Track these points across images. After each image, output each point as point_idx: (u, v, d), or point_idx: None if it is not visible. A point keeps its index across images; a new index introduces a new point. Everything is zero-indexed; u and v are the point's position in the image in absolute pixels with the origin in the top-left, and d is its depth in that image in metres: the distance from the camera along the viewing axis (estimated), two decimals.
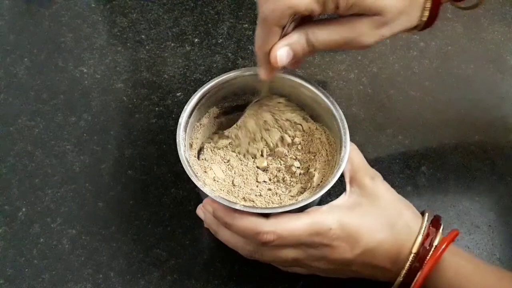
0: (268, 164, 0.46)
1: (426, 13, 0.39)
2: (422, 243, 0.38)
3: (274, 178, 0.45)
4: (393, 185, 0.49)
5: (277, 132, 0.46)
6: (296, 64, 0.42)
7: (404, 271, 0.38)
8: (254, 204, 0.42)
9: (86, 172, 0.50)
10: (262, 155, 0.46)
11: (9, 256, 0.45)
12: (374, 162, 0.51)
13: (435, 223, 0.39)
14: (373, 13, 0.37)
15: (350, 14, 0.37)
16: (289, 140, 0.46)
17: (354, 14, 0.37)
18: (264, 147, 0.46)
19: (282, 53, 0.38)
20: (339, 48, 0.38)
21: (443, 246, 0.37)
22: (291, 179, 0.45)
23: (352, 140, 0.41)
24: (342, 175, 0.41)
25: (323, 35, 0.38)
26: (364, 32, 0.38)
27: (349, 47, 0.39)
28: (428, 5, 0.39)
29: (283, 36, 0.38)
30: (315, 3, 0.36)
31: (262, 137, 0.46)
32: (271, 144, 0.46)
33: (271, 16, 0.36)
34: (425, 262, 0.37)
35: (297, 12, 0.36)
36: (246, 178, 0.45)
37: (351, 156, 0.41)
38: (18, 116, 0.54)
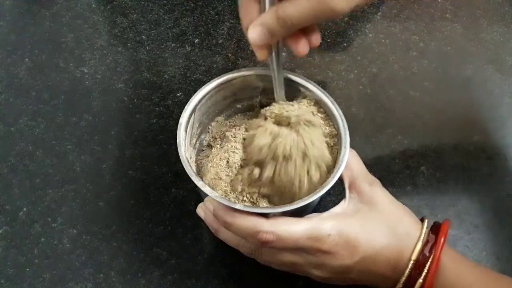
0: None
1: None
2: (422, 250, 0.37)
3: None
4: (392, 185, 0.50)
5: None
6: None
7: (403, 278, 0.37)
8: (254, 204, 0.42)
9: (87, 172, 0.50)
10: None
11: (10, 255, 0.45)
12: (373, 162, 0.52)
13: (435, 229, 0.39)
14: None
15: None
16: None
17: None
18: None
19: (255, 32, 0.37)
20: (313, 21, 0.36)
21: (440, 245, 0.37)
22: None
23: (351, 140, 0.41)
24: (341, 179, 0.41)
25: (291, 8, 0.36)
26: None
27: (323, 16, 0.36)
28: None
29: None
30: None
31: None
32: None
33: None
34: (426, 270, 0.37)
35: None
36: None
37: (350, 163, 0.41)
38: (19, 116, 0.54)
